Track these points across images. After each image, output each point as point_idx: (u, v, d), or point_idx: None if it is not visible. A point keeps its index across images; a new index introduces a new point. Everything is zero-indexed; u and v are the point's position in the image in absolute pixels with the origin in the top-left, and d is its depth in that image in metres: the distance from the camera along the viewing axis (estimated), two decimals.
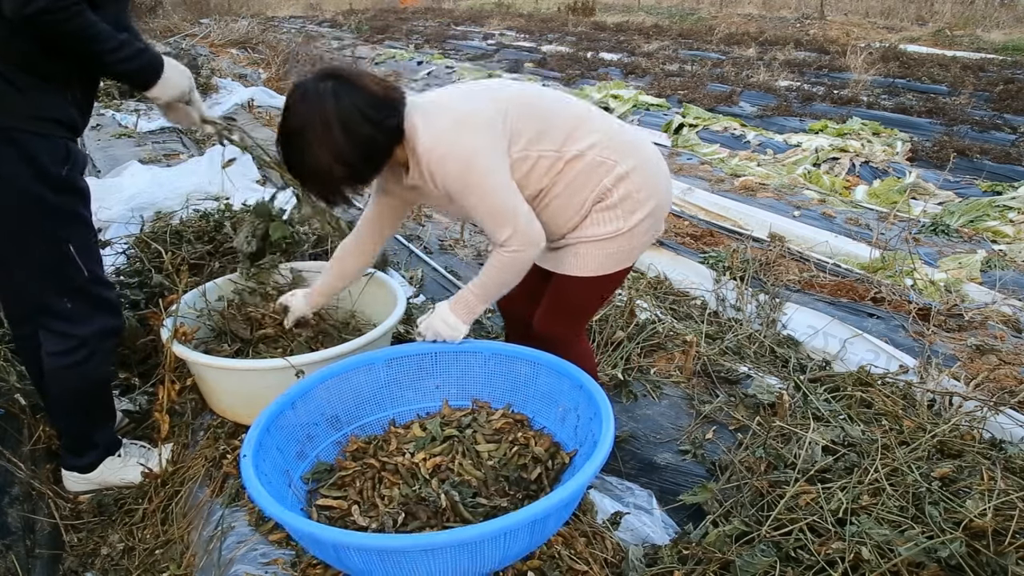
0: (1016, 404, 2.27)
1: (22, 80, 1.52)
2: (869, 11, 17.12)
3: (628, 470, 2.05)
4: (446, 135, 1.53)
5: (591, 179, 1.67)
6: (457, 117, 1.56)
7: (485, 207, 1.57)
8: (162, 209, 3.56)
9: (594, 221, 1.70)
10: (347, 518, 1.52)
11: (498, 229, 1.58)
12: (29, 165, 1.56)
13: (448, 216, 1.93)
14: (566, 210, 1.70)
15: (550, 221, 1.71)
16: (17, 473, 1.93)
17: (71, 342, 1.76)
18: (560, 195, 1.68)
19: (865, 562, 1.42)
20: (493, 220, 1.58)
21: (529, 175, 1.64)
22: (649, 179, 1.71)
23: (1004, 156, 6.13)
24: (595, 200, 1.69)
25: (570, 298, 1.82)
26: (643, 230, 1.73)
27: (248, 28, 13.55)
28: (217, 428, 2.08)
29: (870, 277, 3.65)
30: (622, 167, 1.67)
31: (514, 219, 1.57)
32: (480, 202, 1.57)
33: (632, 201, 1.69)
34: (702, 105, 8.03)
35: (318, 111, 1.46)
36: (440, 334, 1.76)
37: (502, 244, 1.60)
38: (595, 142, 1.67)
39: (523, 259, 1.62)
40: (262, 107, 7.28)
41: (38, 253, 1.66)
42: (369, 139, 1.50)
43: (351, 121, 1.47)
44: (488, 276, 1.67)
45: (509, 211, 1.57)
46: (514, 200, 1.58)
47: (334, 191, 1.57)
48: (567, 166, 1.65)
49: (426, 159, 1.54)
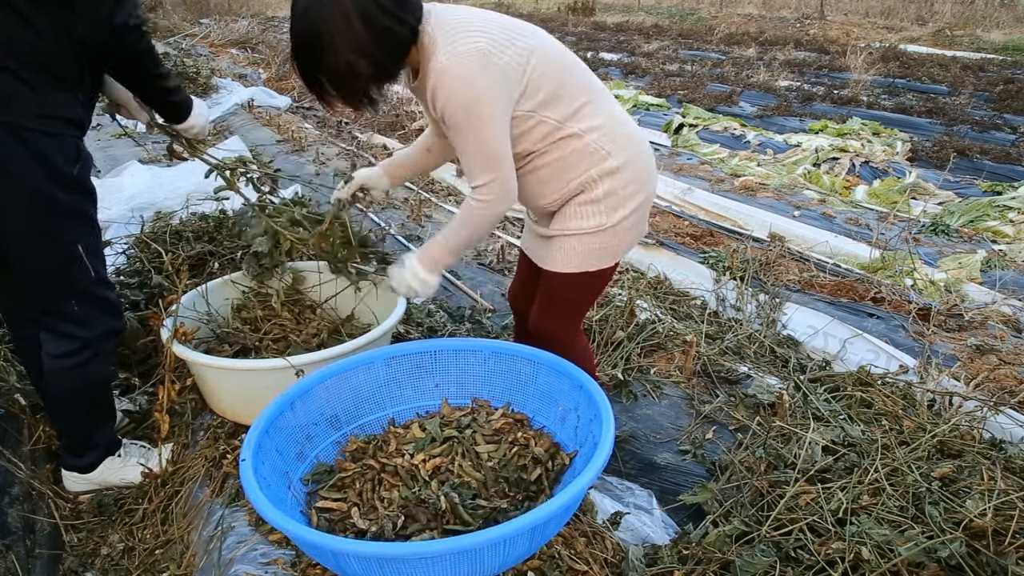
0: (1016, 404, 2.26)
1: (35, 79, 1.52)
2: (869, 11, 17.12)
3: (628, 470, 2.05)
4: (464, 63, 1.48)
5: (580, 164, 1.66)
6: (481, 49, 1.49)
7: (475, 148, 1.55)
8: (162, 209, 3.56)
9: (578, 214, 1.70)
10: (347, 520, 1.52)
11: (480, 172, 1.56)
12: (41, 164, 1.56)
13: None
14: (546, 184, 1.69)
15: (527, 188, 1.70)
16: (17, 473, 1.93)
17: (74, 344, 1.76)
18: (545, 166, 1.67)
19: (865, 562, 1.42)
20: (478, 162, 1.56)
21: (523, 136, 1.62)
22: (637, 176, 1.71)
23: (1004, 156, 6.14)
24: (578, 188, 1.68)
25: (558, 294, 1.82)
26: (627, 227, 1.73)
27: (248, 28, 13.56)
28: (217, 428, 2.08)
29: (870, 277, 3.65)
30: (613, 161, 1.66)
31: (499, 168, 1.56)
32: (472, 142, 1.54)
33: (616, 198, 1.68)
34: (702, 105, 8.03)
35: (335, 7, 1.42)
36: (413, 288, 1.72)
37: (477, 188, 1.58)
38: (597, 126, 1.65)
39: (492, 212, 1.61)
40: (262, 107, 7.28)
41: (46, 253, 1.66)
42: (389, 31, 1.47)
43: (370, 13, 1.44)
44: (454, 229, 1.66)
45: (496, 159, 1.55)
46: (505, 150, 1.56)
47: (361, 90, 1.54)
48: (562, 141, 1.64)
49: (436, 77, 1.49)
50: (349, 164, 4.99)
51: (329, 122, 6.98)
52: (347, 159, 5.53)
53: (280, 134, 6.27)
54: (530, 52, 1.56)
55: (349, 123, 6.89)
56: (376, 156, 5.69)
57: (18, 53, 1.49)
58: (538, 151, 1.65)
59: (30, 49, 1.50)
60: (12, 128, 1.51)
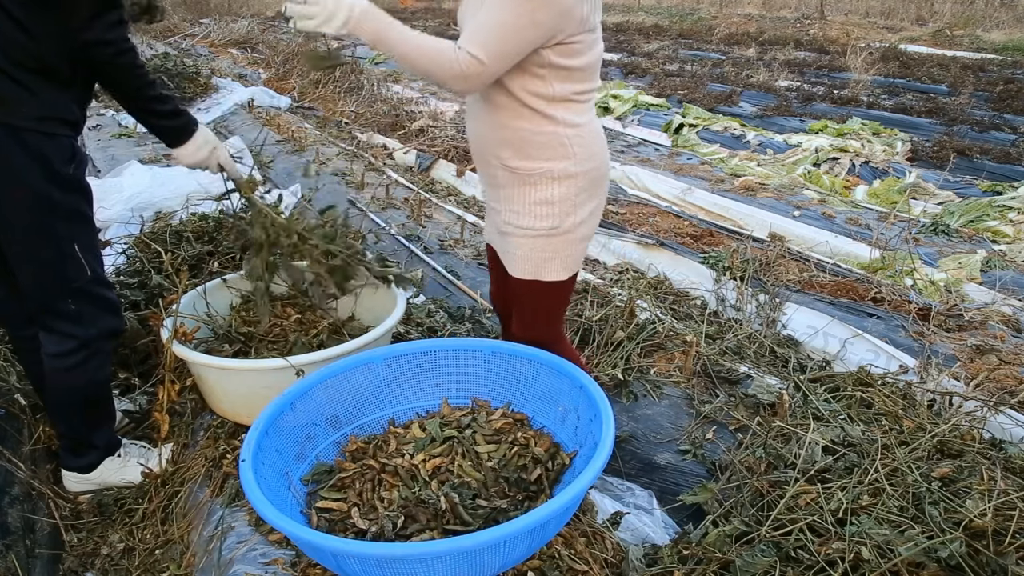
0: (1016, 404, 2.26)
1: (31, 81, 1.53)
2: (869, 11, 17.12)
3: (628, 470, 2.05)
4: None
5: (545, 151, 1.62)
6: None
7: (491, 23, 1.46)
8: (162, 209, 3.56)
9: (531, 213, 1.68)
10: (347, 520, 1.52)
11: (478, 46, 1.45)
12: (39, 164, 1.57)
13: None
14: (507, 139, 1.64)
15: (488, 127, 1.66)
16: (17, 473, 1.93)
17: (73, 343, 1.76)
18: (509, 127, 1.62)
19: (865, 562, 1.42)
20: (484, 36, 1.46)
21: (522, 81, 1.56)
22: (591, 184, 1.69)
23: (1004, 156, 6.14)
24: (532, 180, 1.65)
25: (527, 303, 1.81)
26: (579, 236, 1.72)
27: (248, 28, 13.55)
28: (217, 428, 2.08)
29: (870, 277, 3.65)
30: (576, 166, 1.64)
31: (496, 58, 1.47)
32: (491, 17, 1.46)
33: (569, 203, 1.67)
34: (702, 105, 8.03)
35: None
36: (323, 7, 1.46)
37: (464, 49, 1.46)
38: (585, 123, 1.64)
39: (451, 73, 1.47)
40: (262, 107, 7.28)
41: (44, 253, 1.66)
42: None
43: None
44: (419, 37, 1.50)
45: (498, 46, 1.46)
46: (513, 48, 1.47)
47: None
48: (539, 116, 1.59)
49: None
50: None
51: (329, 122, 6.98)
52: (347, 159, 5.53)
53: (280, 134, 6.27)
54: (592, 25, 1.55)
55: (349, 123, 6.89)
56: (376, 156, 5.69)
57: (12, 55, 1.50)
58: (520, 102, 1.59)
59: (24, 51, 1.51)
60: (10, 129, 1.52)
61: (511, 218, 1.72)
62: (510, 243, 1.75)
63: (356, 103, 7.55)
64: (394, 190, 4.76)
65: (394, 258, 3.49)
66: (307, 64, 1.97)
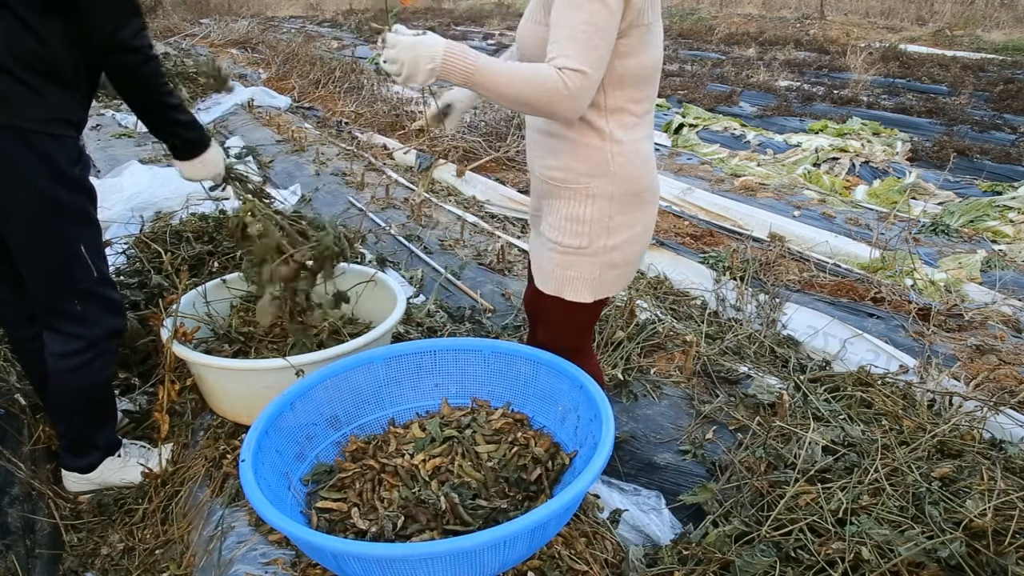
0: (1016, 404, 2.26)
1: (37, 82, 1.53)
2: (869, 11, 17.12)
3: (628, 470, 2.05)
4: None
5: (584, 164, 1.55)
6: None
7: (573, 30, 1.37)
8: (162, 209, 3.56)
9: (561, 228, 1.61)
10: (346, 521, 1.52)
11: (572, 58, 1.36)
12: (47, 166, 1.58)
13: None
14: (552, 148, 1.58)
15: (539, 132, 1.61)
16: (17, 473, 1.93)
17: (78, 343, 1.76)
18: (564, 134, 1.55)
19: (865, 562, 1.42)
20: (572, 46, 1.37)
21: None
22: (630, 208, 1.59)
23: (1004, 156, 6.14)
24: (568, 194, 1.59)
25: (552, 316, 1.77)
26: (608, 262, 1.62)
27: (248, 28, 13.56)
28: (217, 428, 2.08)
29: (870, 277, 3.65)
30: (613, 185, 1.55)
31: (594, 63, 1.37)
32: (569, 23, 1.37)
33: (602, 225, 1.58)
34: (702, 105, 8.03)
35: None
36: (404, 57, 1.36)
37: (561, 66, 1.37)
38: (632, 140, 1.55)
39: (563, 93, 1.37)
40: (262, 107, 7.28)
41: (51, 254, 1.67)
42: None
43: None
44: (511, 67, 1.39)
45: (590, 51, 1.37)
46: (604, 45, 1.38)
47: None
48: (599, 126, 1.52)
49: None
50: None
51: (329, 122, 6.98)
52: (347, 159, 5.53)
53: (280, 134, 6.27)
54: (648, 21, 1.46)
55: (349, 123, 6.89)
56: (376, 156, 5.69)
57: (19, 56, 1.50)
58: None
59: (31, 52, 1.51)
60: (18, 131, 1.53)
61: (545, 229, 1.67)
62: (541, 254, 1.70)
63: (356, 103, 7.55)
64: (394, 190, 4.76)
65: (394, 258, 3.50)
66: (427, 125, 1.95)
